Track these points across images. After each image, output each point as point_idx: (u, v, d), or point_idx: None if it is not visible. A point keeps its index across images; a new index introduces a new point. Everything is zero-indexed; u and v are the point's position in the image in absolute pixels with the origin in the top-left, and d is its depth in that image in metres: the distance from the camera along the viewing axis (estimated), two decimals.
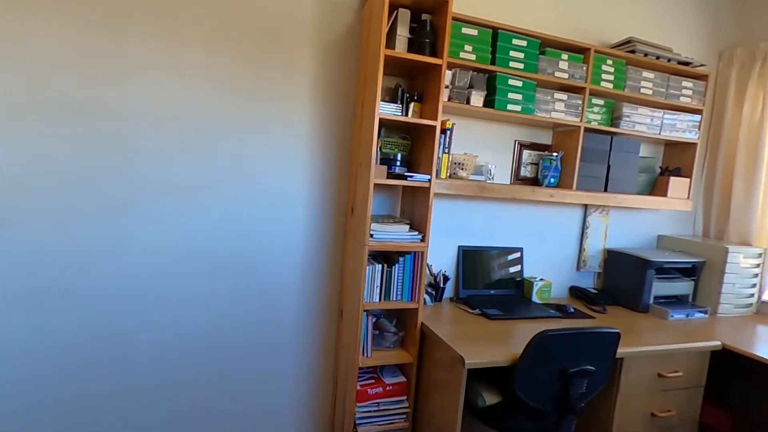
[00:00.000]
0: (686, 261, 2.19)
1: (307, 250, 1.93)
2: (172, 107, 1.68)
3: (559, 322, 1.90)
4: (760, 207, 2.25)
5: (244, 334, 1.89)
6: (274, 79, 1.80)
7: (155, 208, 1.71)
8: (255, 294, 1.88)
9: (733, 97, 2.38)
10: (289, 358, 1.98)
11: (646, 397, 1.75)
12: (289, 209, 1.89)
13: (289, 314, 1.95)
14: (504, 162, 2.18)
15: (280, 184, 1.86)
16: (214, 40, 1.70)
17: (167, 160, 1.70)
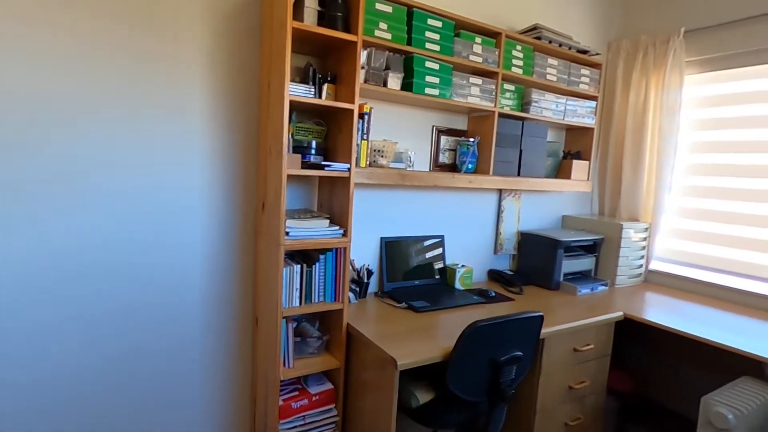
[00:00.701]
0: (589, 239, 2.35)
1: (210, 256, 1.68)
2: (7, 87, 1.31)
3: (483, 307, 1.91)
4: (645, 186, 2.49)
5: (132, 368, 1.60)
6: (157, 56, 1.50)
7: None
8: (140, 319, 1.59)
9: (620, 85, 2.59)
10: (194, 382, 1.72)
11: (564, 372, 1.83)
12: (185, 210, 1.61)
13: (191, 334, 1.69)
14: (423, 148, 2.11)
15: (170, 179, 1.57)
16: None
17: (9, 153, 1.33)
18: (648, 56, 2.45)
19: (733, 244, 2.25)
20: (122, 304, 1.54)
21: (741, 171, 2.22)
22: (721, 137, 2.30)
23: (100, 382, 1.54)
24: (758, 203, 2.15)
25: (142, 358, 1.61)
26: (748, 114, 2.19)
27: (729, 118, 2.26)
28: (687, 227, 2.44)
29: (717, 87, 2.31)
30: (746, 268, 2.20)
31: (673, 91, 2.35)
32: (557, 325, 1.73)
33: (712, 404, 1.46)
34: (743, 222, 2.21)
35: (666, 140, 2.38)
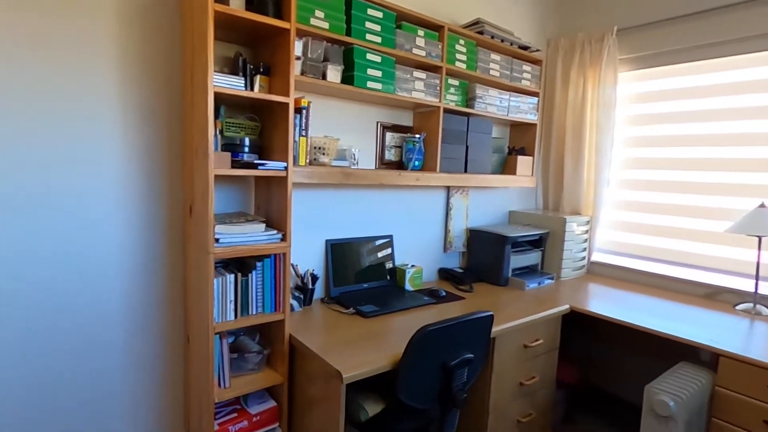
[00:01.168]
0: (535, 233, 2.37)
1: (130, 270, 1.49)
2: None
3: (434, 308, 1.86)
4: (585, 180, 2.56)
5: (46, 402, 1.38)
6: (60, 43, 1.30)
7: None
8: (49, 346, 1.38)
9: (560, 82, 2.65)
10: (116, 411, 1.53)
11: (515, 369, 1.81)
12: (97, 218, 1.42)
13: (111, 359, 1.49)
14: (367, 145, 2.03)
15: (78, 183, 1.38)
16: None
17: None
18: (585, 54, 2.52)
19: (667, 234, 2.36)
20: (25, 329, 1.33)
21: (673, 164, 2.33)
22: (653, 132, 2.40)
23: (11, 417, 1.32)
24: (689, 194, 2.27)
25: (57, 389, 1.39)
26: (678, 110, 2.29)
27: (660, 114, 2.36)
28: (625, 219, 2.53)
29: (648, 84, 2.41)
30: (679, 257, 2.31)
31: (609, 88, 2.42)
32: (507, 323, 1.71)
33: (655, 392, 1.49)
34: (676, 213, 2.32)
35: (603, 135, 2.45)
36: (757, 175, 2.04)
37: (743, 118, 2.07)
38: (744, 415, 1.50)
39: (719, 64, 2.14)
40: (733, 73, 2.10)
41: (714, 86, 2.16)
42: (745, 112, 2.07)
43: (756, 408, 1.48)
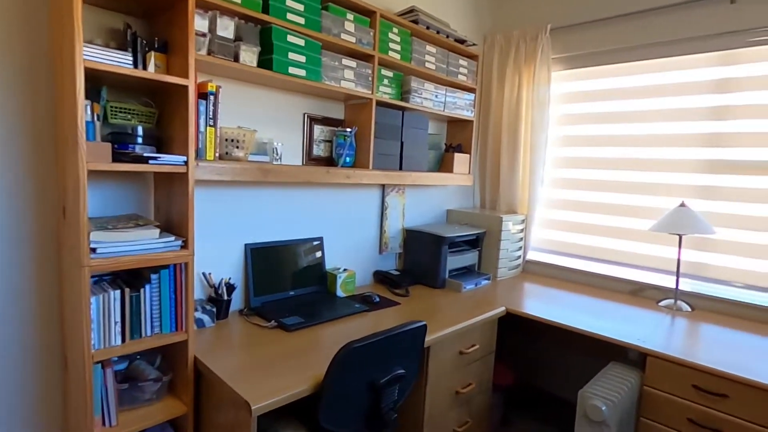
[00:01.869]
0: (472, 233, 2.31)
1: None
2: None
3: (365, 317, 1.72)
4: (521, 178, 2.55)
5: None
6: None
7: None
8: None
9: (496, 79, 2.61)
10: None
11: (450, 378, 1.72)
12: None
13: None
14: (293, 139, 1.84)
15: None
16: None
17: None
18: (520, 51, 2.49)
19: (597, 233, 2.40)
20: None
21: (602, 164, 2.37)
22: (585, 132, 2.42)
23: None
24: (618, 194, 2.31)
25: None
26: (607, 110, 2.33)
27: (591, 114, 2.39)
28: (557, 217, 2.55)
29: (580, 84, 2.43)
30: (608, 254, 2.36)
31: (543, 87, 2.42)
32: (443, 330, 1.61)
33: (588, 397, 1.46)
34: (606, 211, 2.36)
35: (537, 134, 2.45)
36: (680, 176, 2.11)
37: (667, 120, 2.14)
38: (670, 414, 1.51)
39: (647, 66, 2.19)
40: (659, 76, 2.15)
41: (641, 88, 2.21)
42: (669, 114, 2.13)
43: (681, 406, 1.49)
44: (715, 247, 2.03)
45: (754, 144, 1.91)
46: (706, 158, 2.03)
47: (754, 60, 1.89)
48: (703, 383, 1.44)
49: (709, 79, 2.01)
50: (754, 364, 1.43)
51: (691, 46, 2.03)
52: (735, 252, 1.97)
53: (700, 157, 2.05)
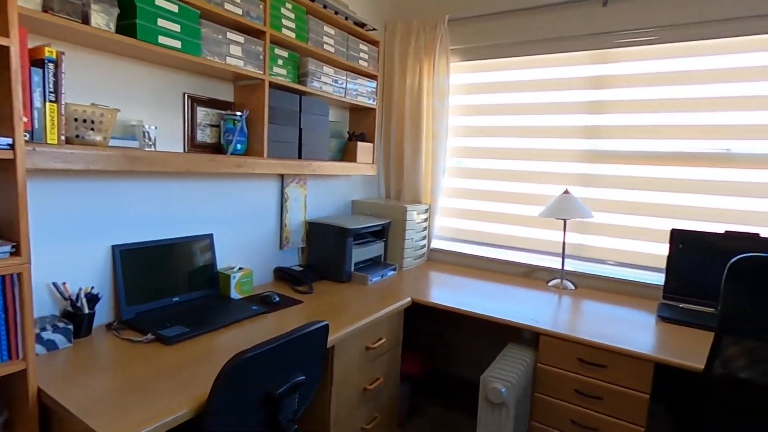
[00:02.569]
0: (377, 224, 2.27)
1: None
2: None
3: (264, 320, 1.57)
4: (424, 168, 2.56)
5: None
6: None
7: None
8: None
9: (398, 67, 2.58)
10: None
11: (357, 376, 1.66)
12: None
13: None
14: (171, 123, 1.60)
15: None
16: None
17: None
18: (420, 40, 2.49)
19: (494, 220, 2.51)
20: None
21: (497, 153, 2.47)
22: (482, 122, 2.51)
23: None
24: (512, 182, 2.43)
25: None
26: (501, 102, 2.43)
27: (487, 105, 2.48)
28: (458, 206, 2.62)
29: (477, 75, 2.50)
30: (504, 240, 2.48)
31: (442, 77, 2.44)
32: (348, 327, 1.53)
33: (489, 381, 1.49)
34: (501, 199, 2.48)
35: (438, 124, 2.47)
36: (564, 165, 2.28)
37: (553, 113, 2.29)
38: (560, 387, 1.62)
39: (534, 61, 2.31)
40: (546, 71, 2.29)
41: (530, 82, 2.33)
42: (554, 107, 2.28)
43: (569, 379, 1.60)
44: (593, 230, 2.23)
45: (624, 136, 2.12)
46: (585, 149, 2.22)
47: (622, 59, 2.09)
48: (586, 356, 1.56)
49: (586, 76, 2.18)
50: (627, 335, 1.59)
51: (569, 45, 2.18)
52: (609, 233, 2.19)
53: (580, 147, 2.23)
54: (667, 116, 2.01)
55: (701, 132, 1.95)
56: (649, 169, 2.07)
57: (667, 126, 2.02)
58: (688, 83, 1.96)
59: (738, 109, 1.87)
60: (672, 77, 1.99)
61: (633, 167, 2.11)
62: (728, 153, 1.92)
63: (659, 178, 2.05)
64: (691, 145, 1.98)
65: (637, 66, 2.06)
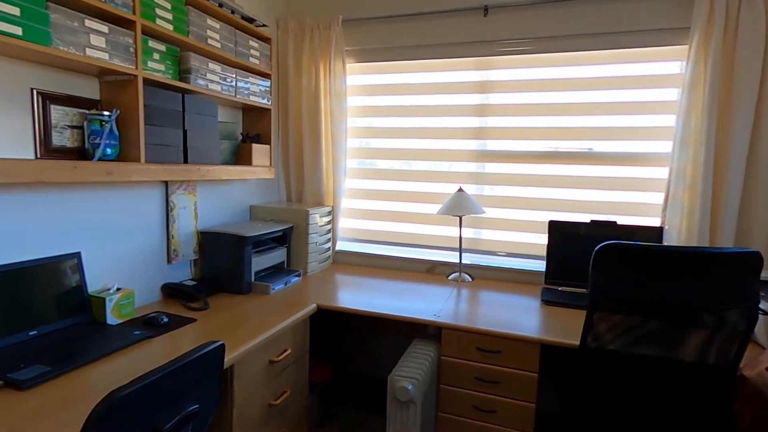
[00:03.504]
0: (278, 229, 2.17)
1: None
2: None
3: (149, 344, 1.40)
4: (325, 169, 2.52)
5: None
6: None
7: None
8: None
9: (293, 67, 2.50)
10: None
11: (262, 393, 1.56)
12: None
13: None
14: (15, 124, 1.34)
15: None
16: None
17: None
18: (314, 40, 2.43)
19: (397, 219, 2.56)
20: None
21: (396, 154, 2.52)
22: (380, 123, 2.54)
23: None
24: (413, 182, 2.51)
25: None
26: (399, 103, 2.48)
27: (385, 107, 2.52)
28: (362, 206, 2.63)
29: (374, 77, 2.52)
30: (407, 238, 2.55)
31: (339, 78, 2.42)
32: (248, 343, 1.43)
33: (396, 380, 1.51)
34: (402, 199, 2.54)
35: (337, 125, 2.45)
36: (458, 164, 2.41)
37: (446, 115, 2.40)
38: (462, 377, 1.71)
39: (427, 65, 2.40)
40: (438, 75, 2.39)
41: (425, 85, 2.42)
42: (447, 110, 2.40)
43: (469, 368, 1.69)
44: (485, 225, 2.40)
45: (507, 137, 2.31)
46: (475, 149, 2.37)
47: (504, 66, 2.27)
48: (483, 344, 1.66)
49: (473, 81, 2.33)
50: (517, 320, 1.73)
51: (456, 51, 2.31)
52: (499, 227, 2.37)
53: (471, 148, 2.38)
54: (543, 119, 2.24)
55: (570, 133, 2.21)
56: (530, 167, 2.29)
57: (543, 128, 2.24)
58: (560, 90, 2.19)
59: (599, 113, 2.15)
60: (547, 84, 2.21)
61: (516, 165, 2.31)
62: (590, 152, 2.19)
63: (538, 175, 2.27)
64: (562, 145, 2.23)
65: (517, 73, 2.25)
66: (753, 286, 1.22)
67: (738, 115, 1.81)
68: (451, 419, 1.74)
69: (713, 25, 1.80)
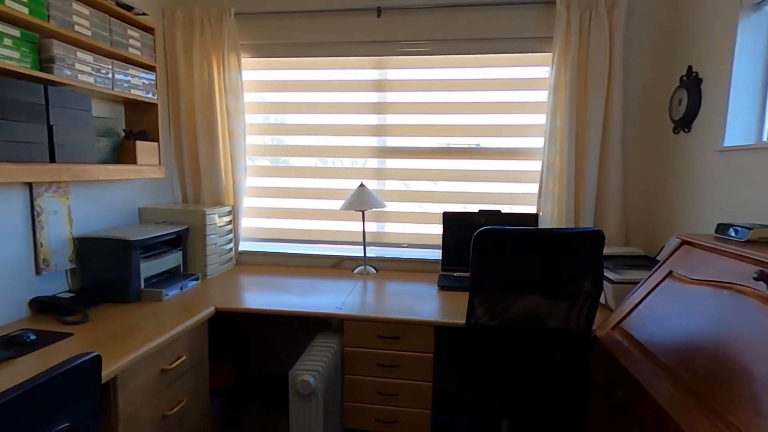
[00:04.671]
0: (170, 232, 2.04)
1: None
2: None
3: (13, 365, 1.25)
4: (223, 168, 2.42)
5: None
6: None
7: None
8: None
9: (183, 59, 2.36)
10: None
11: (153, 404, 1.47)
12: None
13: None
14: None
15: None
16: None
17: None
18: (205, 32, 2.33)
19: (302, 216, 2.56)
20: None
21: (298, 151, 2.51)
22: (281, 120, 2.51)
23: None
24: (316, 179, 2.52)
25: None
26: (300, 100, 2.47)
27: (285, 103, 2.49)
28: (264, 205, 2.58)
29: (272, 73, 2.48)
30: (312, 235, 2.56)
31: (234, 72, 2.34)
32: (132, 353, 1.34)
33: (297, 375, 1.52)
34: (307, 196, 2.54)
35: (235, 122, 2.37)
36: (360, 161, 2.47)
37: (347, 112, 2.44)
38: (365, 365, 1.77)
39: (327, 63, 2.42)
40: (339, 72, 2.42)
41: (326, 82, 2.44)
42: (348, 107, 2.44)
43: (372, 355, 1.76)
44: (388, 218, 2.49)
45: (405, 134, 2.42)
46: (375, 145, 2.45)
47: (399, 66, 2.38)
48: (384, 331, 1.74)
49: (371, 80, 2.41)
50: (415, 306, 1.83)
51: (352, 49, 2.36)
52: (400, 220, 2.48)
53: (371, 144, 2.45)
54: (437, 117, 2.38)
55: (460, 130, 2.38)
56: (426, 162, 2.42)
57: (437, 125, 2.39)
58: (451, 90, 2.35)
59: (485, 112, 2.34)
60: (440, 84, 2.35)
61: (413, 161, 2.43)
62: (479, 147, 2.39)
63: (433, 170, 2.42)
64: (453, 141, 2.40)
65: (413, 73, 2.37)
66: (598, 258, 1.44)
67: (592, 114, 2.10)
68: (356, 407, 1.79)
69: (570, 36, 2.06)
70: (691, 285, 1.36)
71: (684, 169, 1.96)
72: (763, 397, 0.92)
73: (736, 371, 1.02)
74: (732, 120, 1.69)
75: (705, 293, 1.28)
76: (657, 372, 1.22)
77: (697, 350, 1.16)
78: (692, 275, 1.38)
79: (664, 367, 1.21)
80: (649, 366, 1.26)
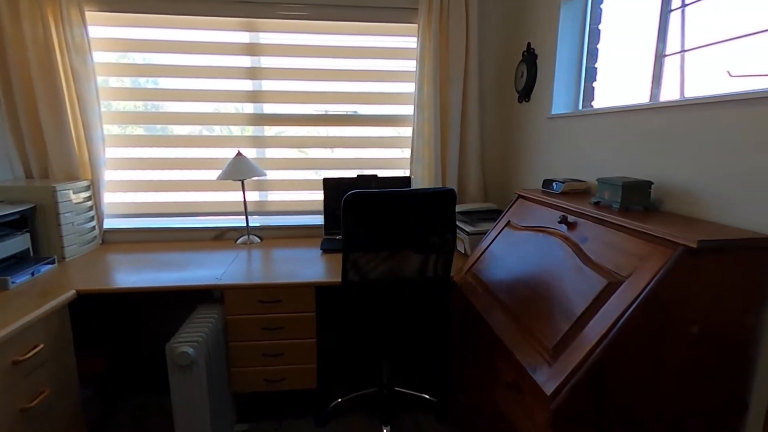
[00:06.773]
0: (12, 212, 1.80)
1: None
2: None
3: None
4: (74, 138, 2.16)
5: None
6: None
7: None
8: None
9: (6, 12, 2.00)
10: None
11: (7, 398, 1.35)
12: None
13: None
14: None
15: None
16: None
17: None
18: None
19: (177, 188, 2.42)
20: None
21: (167, 119, 2.34)
22: (140, 84, 2.30)
23: None
24: (189, 148, 2.38)
25: None
26: (162, 62, 2.27)
27: (145, 65, 2.27)
28: (133, 178, 2.38)
29: (127, 31, 2.23)
30: (191, 207, 2.45)
31: (77, 28, 2.07)
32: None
33: (174, 348, 1.52)
34: (179, 166, 2.40)
35: (84, 85, 2.11)
36: (236, 128, 2.39)
37: (217, 77, 2.32)
38: (248, 330, 1.82)
39: (190, 22, 2.24)
40: (204, 33, 2.27)
41: (191, 43, 2.27)
42: (218, 71, 2.31)
43: (255, 320, 1.81)
44: (270, 187, 2.49)
45: (282, 101, 2.40)
46: (251, 113, 2.39)
47: (272, 30, 2.31)
48: (265, 296, 1.79)
49: (242, 43, 2.31)
50: (298, 270, 1.91)
51: (219, 9, 2.23)
52: (283, 188, 2.50)
53: (247, 111, 2.39)
54: (315, 84, 2.39)
55: (338, 98, 2.43)
56: (305, 129, 2.44)
57: (315, 92, 2.40)
58: (328, 56, 2.36)
59: (361, 80, 2.41)
60: (316, 50, 2.35)
61: (292, 128, 2.44)
62: (356, 114, 2.47)
63: (313, 137, 2.46)
64: (331, 109, 2.45)
65: (288, 37, 2.32)
66: (451, 214, 1.65)
67: (453, 84, 2.31)
68: (243, 371, 1.84)
69: (432, 9, 2.21)
70: (520, 231, 1.64)
71: (525, 133, 2.29)
72: (554, 311, 1.20)
73: (543, 295, 1.29)
74: (557, 91, 2.01)
75: (529, 237, 1.57)
76: (493, 304, 1.48)
77: (520, 283, 1.43)
78: (522, 223, 1.67)
79: (498, 299, 1.48)
80: (488, 300, 1.52)
